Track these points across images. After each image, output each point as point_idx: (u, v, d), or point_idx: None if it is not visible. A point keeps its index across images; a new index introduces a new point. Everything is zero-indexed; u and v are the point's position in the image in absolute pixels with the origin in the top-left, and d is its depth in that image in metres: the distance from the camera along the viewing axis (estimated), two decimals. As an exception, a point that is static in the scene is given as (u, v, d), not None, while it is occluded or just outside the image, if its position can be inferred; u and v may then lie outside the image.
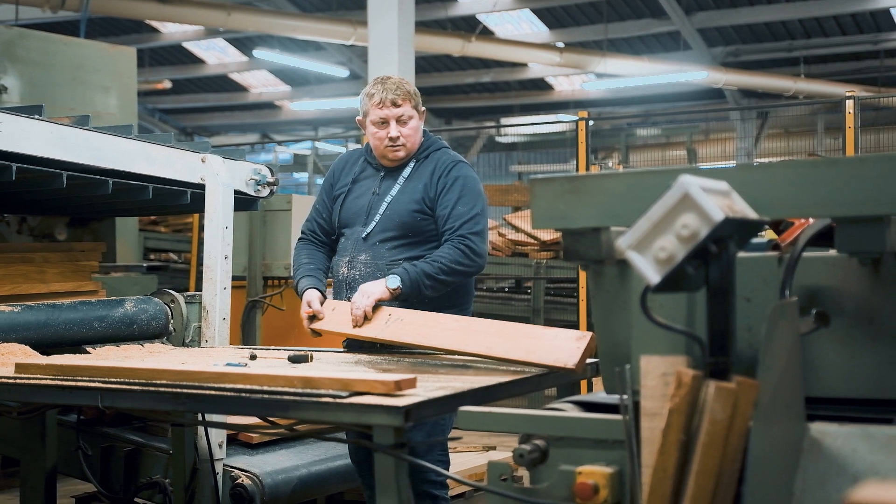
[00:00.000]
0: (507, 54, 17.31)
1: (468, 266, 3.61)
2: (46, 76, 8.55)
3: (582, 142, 7.36)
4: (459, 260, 3.58)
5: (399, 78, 3.87)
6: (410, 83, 3.86)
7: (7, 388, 2.92)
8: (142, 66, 19.75)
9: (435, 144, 3.89)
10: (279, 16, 14.92)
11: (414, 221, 3.73)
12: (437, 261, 3.58)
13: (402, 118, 3.76)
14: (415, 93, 3.83)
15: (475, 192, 3.74)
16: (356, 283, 3.72)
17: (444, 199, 3.69)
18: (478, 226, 3.67)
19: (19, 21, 12.44)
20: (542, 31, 19.51)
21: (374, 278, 3.68)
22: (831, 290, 2.23)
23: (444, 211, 3.68)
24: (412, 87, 3.83)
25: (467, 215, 3.66)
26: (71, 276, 3.96)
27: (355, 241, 3.79)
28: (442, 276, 3.57)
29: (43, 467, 4.00)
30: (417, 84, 17.61)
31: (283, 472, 4.11)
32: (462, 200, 3.67)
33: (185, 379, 2.69)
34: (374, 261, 3.73)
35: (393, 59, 10.70)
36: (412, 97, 3.79)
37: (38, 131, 3.49)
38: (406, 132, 3.77)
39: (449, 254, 3.59)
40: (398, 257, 3.71)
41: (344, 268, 3.80)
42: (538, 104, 22.65)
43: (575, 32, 19.35)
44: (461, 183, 3.71)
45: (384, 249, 3.73)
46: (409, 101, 3.77)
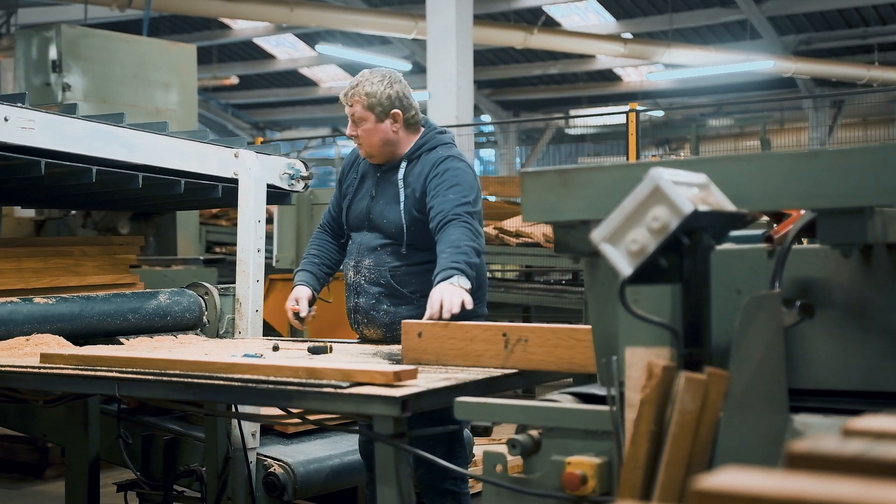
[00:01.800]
0: (569, 46, 17.24)
1: (479, 244, 3.55)
2: (108, 74, 8.75)
3: (632, 133, 7.34)
4: (471, 236, 3.51)
5: (370, 78, 3.77)
6: (379, 85, 3.74)
7: (32, 377, 3.03)
8: (210, 62, 20.10)
9: (429, 144, 3.82)
10: (341, 10, 15.07)
11: (414, 227, 3.72)
12: (460, 245, 3.47)
13: (355, 118, 3.75)
14: (375, 94, 3.72)
15: (468, 181, 3.67)
16: (362, 287, 3.78)
17: (436, 189, 3.64)
18: (473, 208, 3.60)
19: (88, 21, 12.74)
20: (610, 21, 19.39)
21: (379, 283, 3.73)
22: (823, 283, 2.23)
23: (436, 199, 3.62)
24: (376, 89, 3.72)
25: (461, 199, 3.58)
26: (109, 269, 4.08)
27: (359, 245, 3.83)
28: (473, 259, 3.49)
29: (86, 455, 4.13)
30: (484, 76, 17.57)
31: (316, 461, 4.17)
32: (454, 188, 3.61)
33: (196, 369, 2.78)
34: (378, 266, 3.76)
35: (451, 52, 10.75)
36: (365, 99, 3.71)
37: (73, 129, 3.60)
38: (360, 133, 3.75)
39: (462, 233, 3.50)
40: (400, 263, 3.74)
41: (351, 272, 3.85)
42: (606, 95, 22.52)
43: (642, 23, 19.19)
44: (452, 173, 3.66)
45: (386, 255, 3.76)
46: (361, 104, 3.72)
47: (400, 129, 3.77)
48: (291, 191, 4.35)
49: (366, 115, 3.73)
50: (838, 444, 1.09)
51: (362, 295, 3.77)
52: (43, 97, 8.52)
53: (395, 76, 3.83)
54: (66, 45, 8.53)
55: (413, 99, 3.84)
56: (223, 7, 13.24)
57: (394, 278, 3.73)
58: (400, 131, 3.77)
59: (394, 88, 3.76)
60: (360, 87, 3.74)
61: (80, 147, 3.57)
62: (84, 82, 8.63)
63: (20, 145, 3.45)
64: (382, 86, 3.75)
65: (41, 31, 8.77)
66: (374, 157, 3.81)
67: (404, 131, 3.79)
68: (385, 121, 3.74)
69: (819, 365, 2.22)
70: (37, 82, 8.64)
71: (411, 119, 3.80)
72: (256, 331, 4.11)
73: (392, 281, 3.73)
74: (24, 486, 6.36)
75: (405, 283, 3.72)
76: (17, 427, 4.90)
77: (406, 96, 3.80)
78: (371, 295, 3.76)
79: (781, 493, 0.89)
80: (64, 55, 8.51)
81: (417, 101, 3.90)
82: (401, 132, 3.78)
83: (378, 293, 3.74)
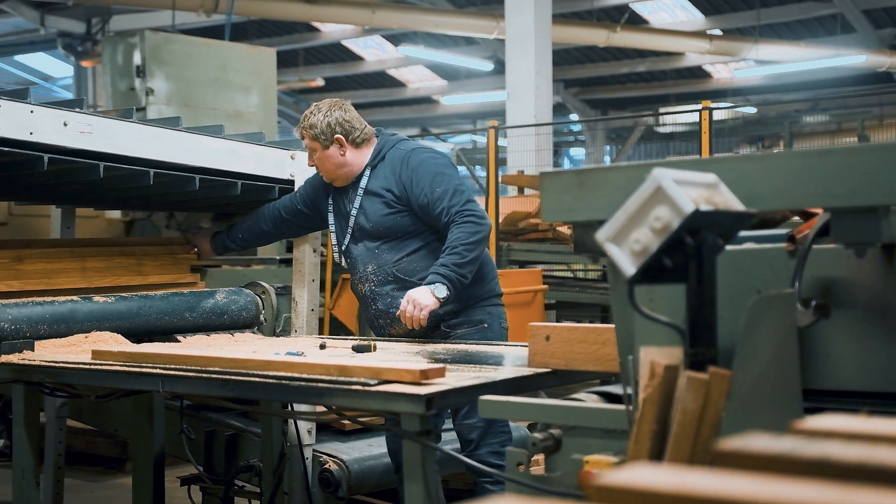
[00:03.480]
0: (653, 43, 17.08)
1: (481, 232, 3.74)
2: (190, 78, 8.97)
3: (705, 131, 7.26)
4: (472, 231, 3.71)
5: (313, 111, 3.98)
6: (319, 115, 3.93)
7: (83, 373, 3.15)
8: (296, 65, 20.39)
9: (388, 145, 3.99)
10: (423, 11, 15.17)
11: (394, 223, 3.89)
12: (456, 245, 3.69)
13: (308, 150, 3.99)
14: (316, 125, 3.91)
15: (441, 168, 3.84)
16: (374, 292, 3.94)
17: (416, 190, 3.82)
18: (464, 195, 3.78)
19: (177, 26, 13.05)
20: (698, 17, 19.15)
21: (388, 282, 3.89)
22: (844, 283, 2.20)
23: (423, 200, 3.80)
24: (316, 120, 3.91)
25: (450, 191, 3.77)
26: (170, 268, 4.19)
27: (356, 258, 3.99)
28: (469, 256, 3.69)
29: (151, 449, 4.25)
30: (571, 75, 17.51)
31: (371, 458, 4.23)
32: (435, 182, 3.79)
33: (234, 366, 2.85)
34: (381, 267, 3.92)
35: (529, 51, 10.75)
36: (309, 131, 3.92)
37: (130, 132, 3.71)
38: (315, 162, 3.97)
39: (460, 233, 3.71)
40: (400, 255, 3.90)
41: (359, 285, 4.01)
42: (695, 93, 22.22)
43: (731, 18, 18.91)
44: (424, 168, 3.83)
45: (384, 254, 3.91)
46: (307, 136, 3.94)
47: (347, 150, 3.96)
48: (348, 192, 4.41)
49: (314, 146, 3.96)
50: (768, 443, 1.09)
51: (378, 299, 3.92)
52: (127, 101, 8.77)
53: (337, 104, 4.03)
54: (149, 50, 8.77)
55: (356, 121, 4.01)
56: (305, 10, 13.43)
57: (399, 271, 3.88)
58: (348, 153, 3.96)
59: (332, 116, 3.96)
60: (305, 121, 3.99)
61: (137, 150, 3.68)
62: (167, 86, 8.86)
63: (79, 149, 3.57)
64: (322, 115, 3.96)
65: (126, 37, 9.03)
66: (335, 180, 4.02)
67: (353, 151, 3.97)
68: (331, 147, 3.94)
69: (840, 366, 2.19)
70: (122, 87, 8.90)
71: (357, 139, 3.97)
72: (312, 329, 4.19)
73: (399, 274, 3.89)
74: (106, 479, 6.56)
75: (412, 272, 3.87)
76: (91, 422, 5.08)
77: (347, 120, 3.98)
78: (385, 294, 3.90)
79: (674, 490, 0.90)
80: (147, 60, 8.75)
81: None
82: (349, 153, 3.96)
83: (391, 290, 3.89)
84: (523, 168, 10.44)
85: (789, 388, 2.05)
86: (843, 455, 1.03)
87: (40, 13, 15.34)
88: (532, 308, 7.52)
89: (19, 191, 4.56)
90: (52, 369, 3.21)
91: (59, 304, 3.64)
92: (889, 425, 1.21)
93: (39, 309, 3.57)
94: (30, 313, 3.54)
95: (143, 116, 8.31)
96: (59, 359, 3.27)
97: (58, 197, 4.60)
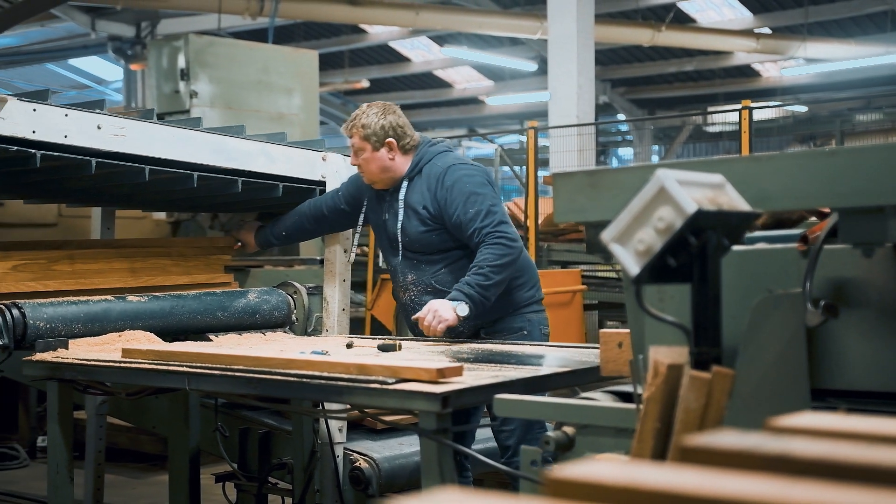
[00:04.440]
0: (698, 42, 16.96)
1: (510, 255, 3.76)
2: (234, 81, 9.07)
3: (745, 131, 7.21)
4: (501, 253, 3.71)
5: (366, 111, 4.02)
6: (374, 117, 3.98)
7: (113, 370, 3.22)
8: (342, 66, 20.50)
9: (425, 158, 4.01)
10: (466, 12, 15.19)
11: (429, 240, 3.94)
12: (483, 267, 3.73)
13: (354, 148, 4.02)
14: (369, 126, 3.96)
15: (476, 188, 3.85)
16: (414, 301, 4.01)
17: (451, 209, 3.86)
18: (496, 216, 3.80)
19: (223, 30, 13.19)
20: (746, 16, 18.98)
21: (427, 292, 3.96)
22: (856, 283, 2.20)
23: (457, 221, 3.84)
24: (371, 121, 3.96)
25: (482, 212, 3.79)
26: (204, 268, 4.27)
27: (395, 267, 4.07)
28: (495, 278, 3.73)
29: (187, 446, 4.33)
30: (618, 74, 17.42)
31: (402, 457, 4.27)
32: (469, 202, 3.82)
33: (258, 365, 2.91)
34: (420, 278, 4.01)
35: (571, 51, 10.73)
36: (361, 130, 3.96)
37: (162, 135, 3.78)
38: (361, 162, 4.01)
39: (489, 255, 3.74)
40: (438, 269, 3.97)
41: (400, 293, 4.10)
42: (744, 92, 22.00)
43: (780, 16, 18.71)
44: (458, 187, 3.85)
45: (423, 265, 3.98)
46: (358, 135, 3.98)
47: (396, 155, 4.00)
48: (379, 193, 4.46)
49: (363, 146, 3.99)
50: (734, 439, 1.11)
51: (418, 308, 3.95)
52: (172, 104, 8.90)
53: (390, 108, 4.08)
54: (193, 53, 8.88)
55: (408, 127, 4.07)
56: (349, 12, 13.52)
57: (437, 282, 3.94)
58: (396, 158, 4.00)
59: (387, 119, 4.00)
60: (357, 120, 4.02)
61: (169, 152, 3.76)
62: (210, 89, 8.97)
63: (113, 151, 3.65)
64: (377, 117, 4.00)
65: (171, 41, 9.15)
66: (375, 182, 4.05)
67: (401, 157, 4.01)
68: (381, 149, 3.97)
69: (851, 366, 2.19)
70: (167, 90, 9.02)
71: (406, 146, 4.02)
72: (343, 329, 4.24)
73: (437, 285, 3.94)
74: (149, 476, 6.67)
75: (448, 283, 3.91)
76: (130, 419, 5.17)
77: (400, 125, 4.03)
78: (424, 304, 3.92)
79: (622, 484, 0.92)
80: (192, 63, 8.86)
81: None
82: (397, 158, 4.00)
83: (430, 300, 3.89)
84: (566, 169, 10.43)
85: (797, 387, 2.05)
86: (804, 451, 1.05)
87: (91, 18, 15.58)
88: (571, 308, 7.52)
89: (69, 193, 4.68)
90: (83, 367, 3.29)
91: (93, 303, 3.72)
92: (862, 423, 1.23)
93: (74, 308, 3.66)
94: (65, 312, 3.62)
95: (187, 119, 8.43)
96: (91, 357, 3.35)
97: (106, 199, 4.71)
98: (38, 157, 3.46)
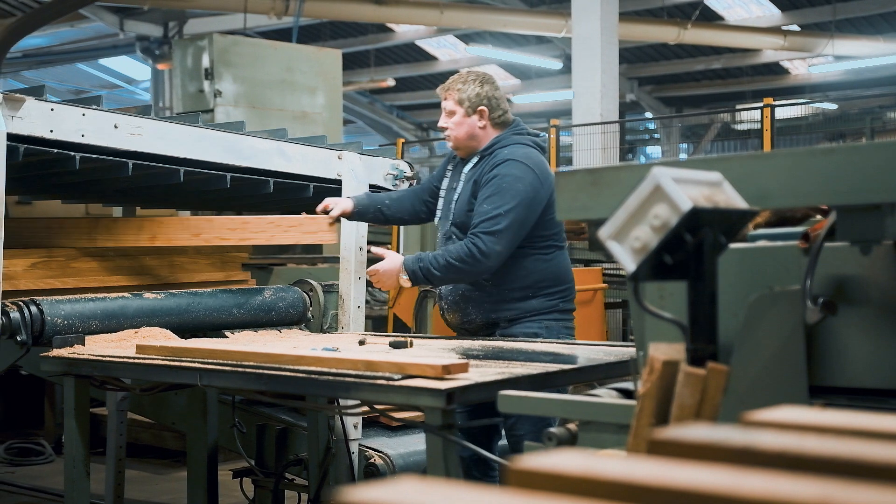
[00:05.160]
0: (724, 40, 16.88)
1: (469, 265, 3.74)
2: (257, 80, 9.14)
3: (767, 129, 7.19)
4: (462, 257, 3.73)
5: (465, 76, 4.03)
6: (471, 83, 3.97)
7: (128, 366, 3.27)
8: (367, 65, 20.55)
9: (501, 142, 3.97)
10: (491, 11, 15.20)
11: (467, 218, 3.91)
12: (444, 258, 3.76)
13: (447, 110, 4.01)
14: (465, 91, 3.95)
15: (509, 190, 3.78)
16: None
17: (480, 194, 3.84)
18: (496, 225, 3.74)
19: (249, 30, 13.27)
20: (774, 13, 18.87)
21: None
22: (857, 279, 2.20)
23: (475, 207, 3.84)
24: (468, 86, 3.96)
25: (488, 213, 3.76)
26: (221, 266, 4.31)
27: (441, 234, 4.09)
28: (438, 273, 3.78)
29: (205, 442, 4.37)
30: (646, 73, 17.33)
31: (417, 453, 4.29)
32: (491, 199, 3.79)
33: (269, 361, 2.94)
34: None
35: (595, 50, 10.73)
36: (457, 94, 3.96)
37: (179, 133, 3.83)
38: (449, 124, 4.00)
39: (455, 250, 3.76)
40: None
41: None
42: (773, 89, 21.88)
43: (809, 13, 18.60)
44: (497, 181, 3.81)
45: (454, 243, 3.94)
46: (452, 97, 3.97)
47: (487, 126, 3.98)
48: (395, 190, 4.49)
49: (455, 109, 3.97)
50: (703, 432, 1.13)
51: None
52: (196, 103, 8.98)
53: (488, 78, 4.06)
54: (217, 53, 8.96)
55: (503, 101, 4.04)
56: (374, 11, 13.57)
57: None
58: (487, 128, 3.98)
59: (483, 88, 3.99)
60: (454, 83, 4.02)
61: (183, 151, 3.80)
62: (234, 88, 9.04)
63: (130, 151, 3.70)
64: (474, 84, 3.99)
65: (195, 41, 9.23)
66: (459, 149, 4.05)
67: (490, 129, 3.99)
68: (472, 116, 3.96)
69: (852, 363, 2.19)
70: (191, 89, 9.10)
71: (498, 119, 3.99)
72: (359, 326, 4.27)
73: None
74: (171, 472, 6.73)
75: None
76: (150, 415, 5.22)
77: (495, 97, 4.00)
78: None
79: (581, 474, 0.94)
80: (216, 63, 8.95)
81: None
82: (488, 129, 3.98)
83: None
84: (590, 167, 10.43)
85: (794, 384, 2.06)
86: (767, 444, 1.06)
87: (119, 18, 15.71)
88: (592, 307, 7.52)
89: (105, 194, 4.76)
90: (98, 363, 3.34)
91: (110, 300, 3.77)
92: (835, 418, 1.24)
93: (91, 305, 3.71)
94: (82, 309, 3.68)
95: (210, 118, 8.52)
96: (106, 353, 3.39)
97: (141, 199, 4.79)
98: (77, 160, 3.54)
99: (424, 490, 0.91)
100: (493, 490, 0.92)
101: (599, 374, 3.02)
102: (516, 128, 4.02)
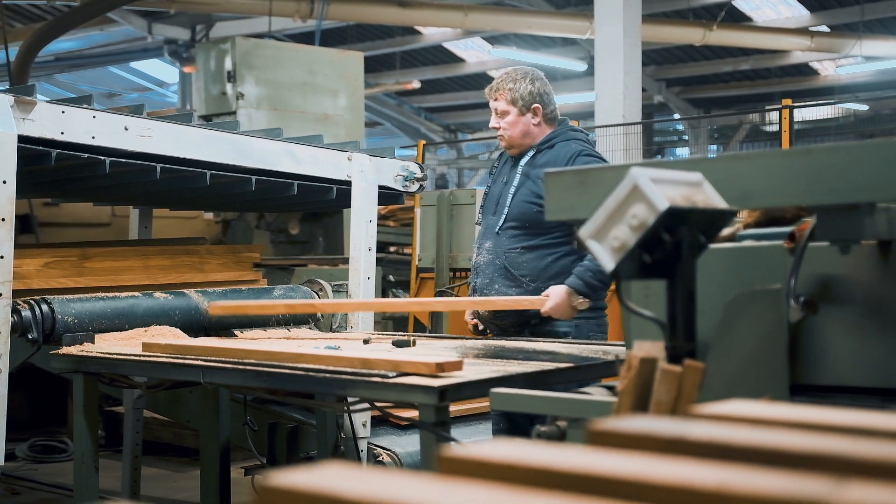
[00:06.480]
0: (750, 41, 16.81)
1: None
2: (280, 82, 9.22)
3: (785, 130, 7.18)
4: None
5: (513, 74, 4.03)
6: (522, 82, 3.98)
7: (133, 364, 3.33)
8: (393, 67, 20.61)
9: (562, 136, 4.00)
10: (515, 13, 15.22)
11: (531, 213, 3.89)
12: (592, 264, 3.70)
13: (498, 111, 4.02)
14: (517, 90, 3.97)
15: None
16: (480, 267, 4.01)
17: None
18: None
19: (274, 33, 13.36)
20: (803, 14, 18.77)
21: (493, 265, 3.95)
22: (840, 279, 2.22)
23: None
24: (519, 85, 3.97)
25: None
26: (232, 266, 4.37)
27: (485, 227, 4.07)
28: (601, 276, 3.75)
29: (217, 439, 4.43)
30: (673, 74, 17.22)
31: (425, 452, 4.33)
32: None
33: (269, 359, 2.99)
34: (495, 248, 3.98)
35: (618, 51, 10.73)
36: (508, 94, 3.97)
37: (188, 136, 3.89)
38: (502, 125, 4.00)
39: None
40: (515, 246, 3.93)
41: (475, 253, 4.12)
42: (801, 91, 21.77)
43: (838, 14, 18.49)
44: None
45: (504, 238, 3.96)
46: (504, 97, 3.97)
47: (541, 122, 4.01)
48: (406, 192, 4.53)
49: (508, 109, 3.99)
50: (640, 424, 1.16)
51: (480, 275, 3.99)
52: (219, 106, 9.07)
53: (537, 74, 4.09)
54: (240, 56, 9.04)
55: (552, 97, 4.09)
56: (398, 14, 13.62)
57: (508, 261, 3.93)
58: (542, 125, 4.02)
59: (535, 85, 4.02)
60: (504, 83, 4.03)
61: (193, 152, 3.86)
62: (257, 91, 9.12)
63: (140, 152, 3.76)
64: (525, 82, 4.02)
65: (218, 43, 9.32)
66: (513, 147, 4.06)
67: (544, 125, 4.02)
68: (526, 114, 3.99)
69: (836, 361, 2.21)
70: (214, 92, 9.19)
71: (550, 114, 4.04)
72: (367, 325, 4.31)
73: (506, 263, 3.93)
74: (189, 469, 6.80)
75: (518, 266, 3.92)
76: (166, 413, 5.30)
77: (546, 93, 4.05)
78: (486, 275, 3.97)
79: (506, 461, 0.98)
80: (238, 66, 9.03)
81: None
82: (542, 125, 4.02)
83: (493, 273, 3.95)
84: (611, 168, 10.40)
85: (774, 382, 2.08)
86: (699, 435, 1.09)
87: (147, 21, 15.88)
88: (610, 306, 7.52)
89: (136, 197, 4.84)
90: (106, 360, 3.40)
91: (120, 299, 3.84)
92: (781, 411, 1.27)
93: (101, 304, 3.78)
94: (92, 308, 3.75)
95: (233, 120, 8.60)
96: (113, 350, 3.46)
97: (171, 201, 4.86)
98: (107, 164, 3.62)
99: (348, 475, 0.94)
100: (416, 477, 0.96)
101: (596, 372, 3.04)
102: (567, 124, 4.08)
